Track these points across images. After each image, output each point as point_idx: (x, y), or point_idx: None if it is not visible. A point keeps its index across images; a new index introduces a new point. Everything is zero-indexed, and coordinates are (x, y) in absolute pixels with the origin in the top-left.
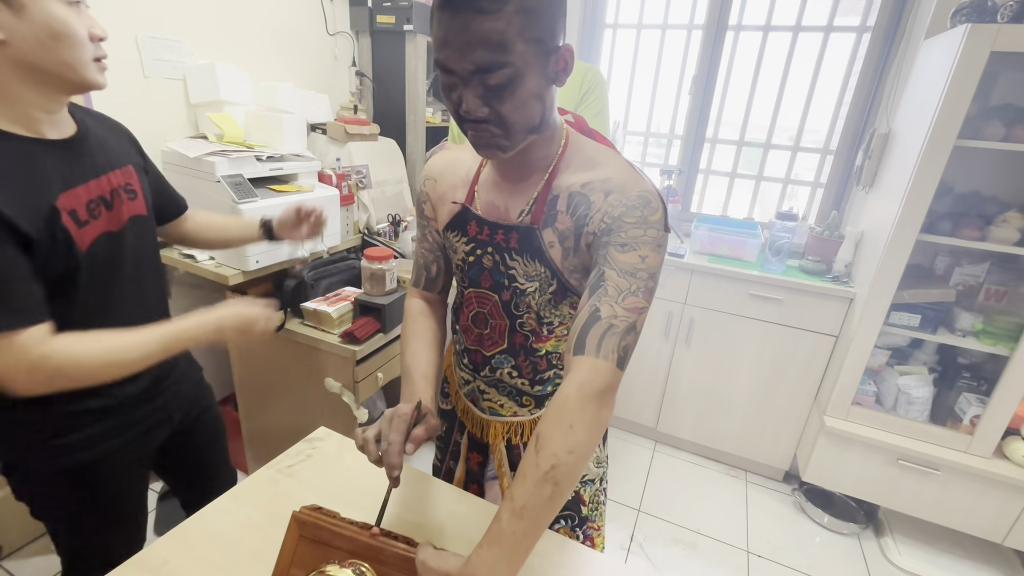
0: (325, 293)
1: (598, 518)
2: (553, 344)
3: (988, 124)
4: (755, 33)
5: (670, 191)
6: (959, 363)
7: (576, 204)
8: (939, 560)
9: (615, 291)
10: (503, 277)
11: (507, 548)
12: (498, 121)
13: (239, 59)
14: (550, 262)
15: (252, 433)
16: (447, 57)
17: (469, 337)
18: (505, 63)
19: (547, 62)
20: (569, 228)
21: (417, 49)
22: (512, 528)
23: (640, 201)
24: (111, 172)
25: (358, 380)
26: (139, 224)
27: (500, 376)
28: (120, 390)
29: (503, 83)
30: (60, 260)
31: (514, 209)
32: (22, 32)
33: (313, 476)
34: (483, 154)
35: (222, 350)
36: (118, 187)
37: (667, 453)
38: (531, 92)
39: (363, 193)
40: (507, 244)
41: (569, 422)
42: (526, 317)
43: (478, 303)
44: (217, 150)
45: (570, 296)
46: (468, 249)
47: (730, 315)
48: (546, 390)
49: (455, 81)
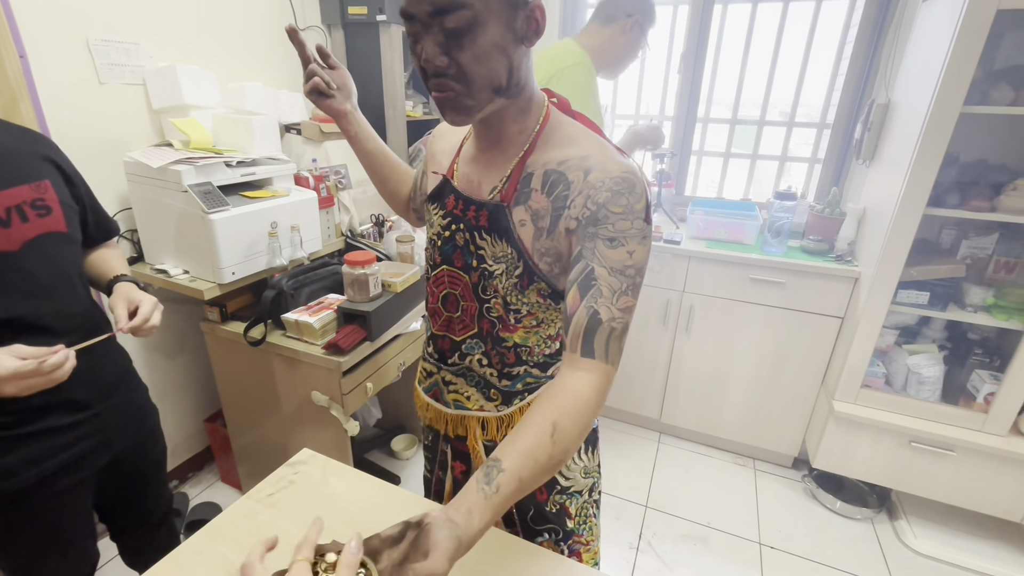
0: (307, 302)
1: (586, 532)
2: (521, 336)
3: (995, 88)
4: (744, 4)
5: (663, 175)
6: (970, 339)
7: (552, 183)
8: (956, 541)
9: (609, 291)
10: (472, 257)
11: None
12: (458, 74)
13: (203, 60)
14: (517, 243)
15: (242, 449)
16: (408, 2)
17: (437, 321)
18: (463, 3)
19: (514, 15)
20: (544, 207)
21: (392, 40)
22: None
23: (625, 185)
24: (9, 189)
25: (346, 392)
26: (51, 241)
27: (470, 364)
28: (36, 421)
29: (461, 26)
30: None
31: (487, 185)
32: None
33: (295, 504)
34: (448, 119)
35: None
36: (19, 204)
37: (672, 445)
38: (493, 43)
39: (343, 194)
40: (477, 222)
41: (586, 423)
42: (493, 302)
43: (449, 283)
44: (183, 158)
45: (537, 282)
46: (444, 223)
47: (731, 301)
48: (515, 387)
49: (417, 29)
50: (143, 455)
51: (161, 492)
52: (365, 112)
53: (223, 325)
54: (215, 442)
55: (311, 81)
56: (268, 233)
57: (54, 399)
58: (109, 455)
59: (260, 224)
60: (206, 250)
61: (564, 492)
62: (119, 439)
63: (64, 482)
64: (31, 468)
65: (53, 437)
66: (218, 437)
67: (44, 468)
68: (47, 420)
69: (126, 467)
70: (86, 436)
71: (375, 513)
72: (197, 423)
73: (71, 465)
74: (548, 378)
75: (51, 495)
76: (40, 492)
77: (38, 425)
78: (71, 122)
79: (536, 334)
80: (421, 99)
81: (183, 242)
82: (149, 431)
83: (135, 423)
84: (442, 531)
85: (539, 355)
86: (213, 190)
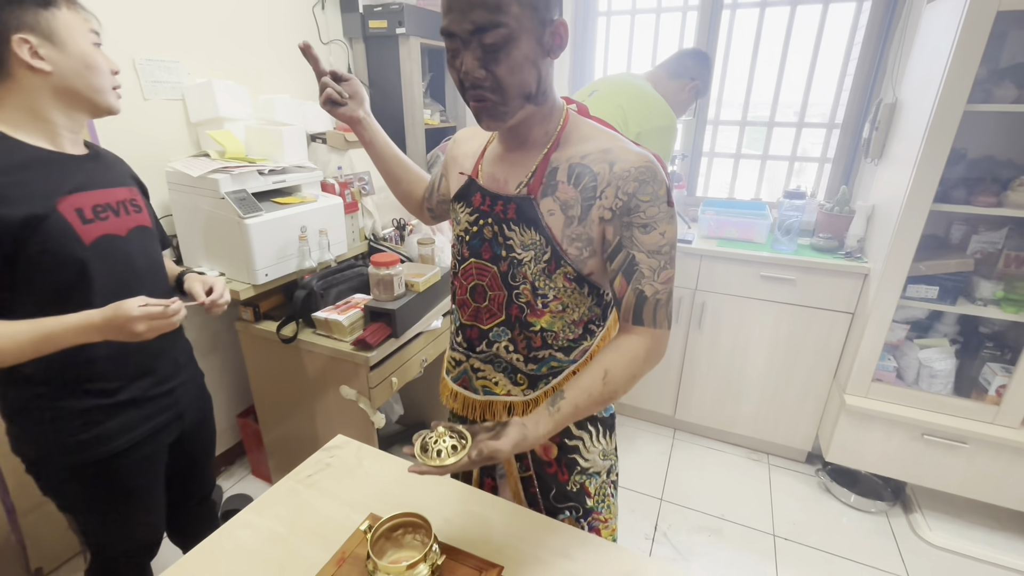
0: (335, 302)
1: (605, 510)
2: (548, 320)
3: (999, 86)
4: (752, 9)
5: (674, 176)
6: (981, 333)
7: (578, 175)
8: (971, 533)
9: (650, 271)
10: (501, 248)
11: (559, 425)
12: (495, 85)
13: (236, 75)
14: (546, 230)
15: (273, 444)
16: (450, 22)
17: (465, 312)
18: (500, 23)
19: (542, 31)
20: (574, 198)
21: (411, 52)
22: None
23: (648, 174)
24: (117, 188)
25: (372, 386)
26: (144, 233)
27: (497, 351)
28: (131, 387)
29: (499, 42)
30: (65, 248)
31: (513, 181)
32: (63, 64)
33: (333, 484)
34: (485, 125)
35: (239, 363)
36: (124, 200)
37: (687, 440)
38: (526, 56)
39: (367, 199)
40: (505, 215)
41: (633, 373)
42: (522, 287)
43: (477, 274)
44: (220, 167)
45: (564, 266)
46: (472, 219)
47: (743, 298)
48: (540, 370)
49: (457, 46)
50: (201, 435)
51: (208, 473)
52: (385, 120)
53: (256, 324)
54: (247, 437)
55: (325, 92)
56: (298, 237)
57: (144, 367)
58: (179, 430)
59: (291, 228)
60: (241, 253)
61: (584, 472)
62: (188, 415)
63: (146, 450)
64: (123, 435)
65: (141, 407)
66: (250, 432)
67: (133, 436)
68: (138, 389)
69: (186, 444)
70: (165, 408)
71: (405, 492)
72: (230, 419)
73: (152, 435)
74: (571, 362)
75: (135, 463)
76: (127, 459)
77: (132, 393)
78: (119, 136)
79: (561, 319)
80: (438, 107)
81: (219, 246)
82: (207, 413)
83: (199, 403)
84: (514, 428)
85: (563, 339)
86: (248, 197)
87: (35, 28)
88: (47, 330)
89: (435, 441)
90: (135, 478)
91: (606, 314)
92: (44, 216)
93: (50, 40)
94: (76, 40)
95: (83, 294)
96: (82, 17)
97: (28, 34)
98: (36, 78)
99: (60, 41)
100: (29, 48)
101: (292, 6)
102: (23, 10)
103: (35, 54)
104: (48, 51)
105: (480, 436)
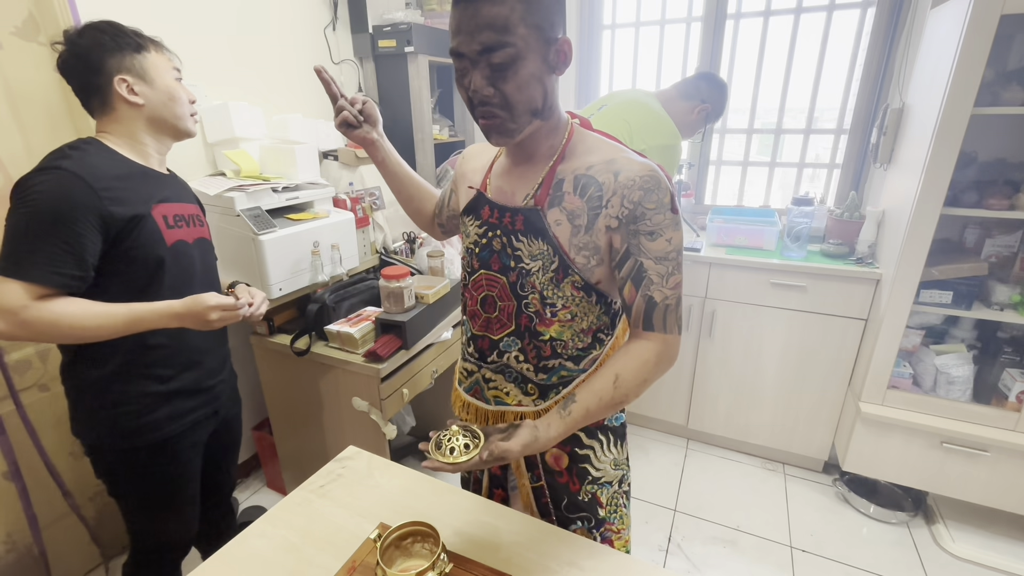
0: (347, 315)
1: (617, 521)
2: (557, 330)
3: (1007, 89)
4: (756, 19)
5: (682, 185)
6: (999, 338)
7: (584, 185)
8: (995, 544)
9: (658, 277)
10: (510, 259)
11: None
12: (503, 103)
13: (250, 96)
14: (553, 240)
15: (287, 456)
16: (460, 43)
17: (476, 323)
18: (507, 43)
19: (547, 50)
20: (580, 208)
21: (420, 69)
22: (581, 421)
23: (652, 183)
24: (189, 203)
25: (384, 397)
26: (204, 244)
27: (507, 361)
28: (182, 376)
29: (506, 62)
30: (153, 245)
31: (520, 193)
32: (153, 97)
33: (344, 494)
34: (494, 141)
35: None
36: (193, 214)
37: (700, 450)
38: (532, 74)
39: (377, 214)
40: (513, 226)
41: (644, 377)
42: (531, 297)
43: (487, 285)
44: (235, 185)
45: (571, 275)
46: (481, 232)
47: (753, 306)
48: (550, 380)
49: (466, 65)
50: (230, 434)
51: (231, 473)
52: (395, 136)
53: (270, 338)
54: (261, 449)
55: (340, 115)
56: (311, 252)
57: (193, 360)
58: (215, 424)
59: (304, 244)
60: (256, 268)
61: (595, 482)
62: (223, 412)
63: (190, 439)
64: (173, 422)
65: (189, 398)
66: (264, 444)
67: (181, 424)
68: (187, 379)
69: (217, 440)
70: (208, 402)
71: (415, 503)
72: (246, 431)
73: (196, 425)
74: (581, 371)
75: (181, 450)
76: (176, 445)
77: (182, 382)
78: None
79: (570, 328)
80: (447, 122)
81: (235, 261)
82: (237, 413)
83: (232, 401)
84: (525, 429)
85: (573, 348)
86: (262, 214)
87: (131, 69)
88: (139, 313)
89: (449, 439)
90: (181, 465)
91: (615, 323)
92: (143, 217)
93: (143, 79)
94: (162, 77)
95: (156, 287)
96: (166, 57)
97: (126, 75)
98: (132, 110)
99: (150, 79)
100: (127, 86)
101: (304, 28)
102: (123, 55)
103: (131, 91)
104: (141, 87)
105: (492, 437)
